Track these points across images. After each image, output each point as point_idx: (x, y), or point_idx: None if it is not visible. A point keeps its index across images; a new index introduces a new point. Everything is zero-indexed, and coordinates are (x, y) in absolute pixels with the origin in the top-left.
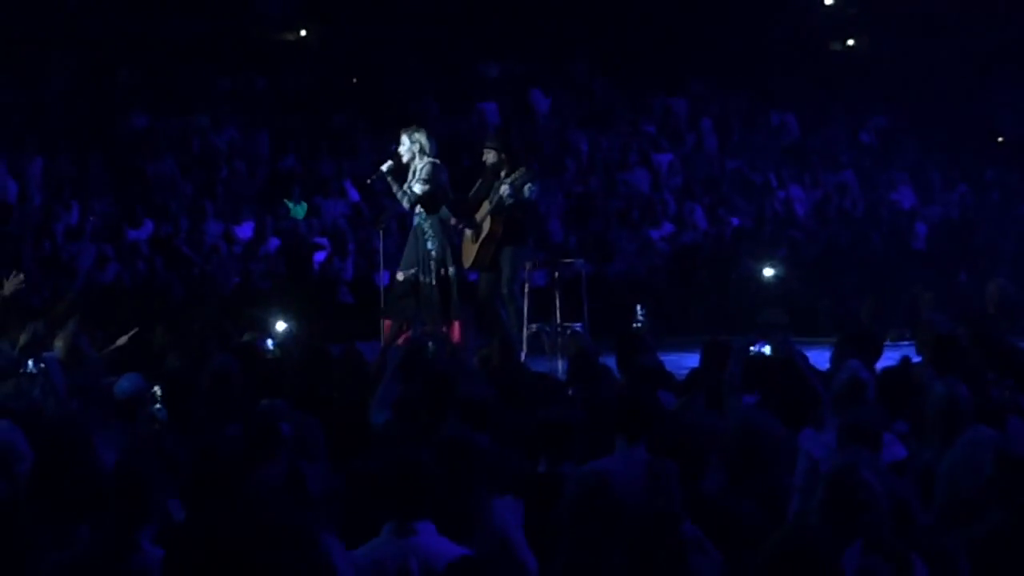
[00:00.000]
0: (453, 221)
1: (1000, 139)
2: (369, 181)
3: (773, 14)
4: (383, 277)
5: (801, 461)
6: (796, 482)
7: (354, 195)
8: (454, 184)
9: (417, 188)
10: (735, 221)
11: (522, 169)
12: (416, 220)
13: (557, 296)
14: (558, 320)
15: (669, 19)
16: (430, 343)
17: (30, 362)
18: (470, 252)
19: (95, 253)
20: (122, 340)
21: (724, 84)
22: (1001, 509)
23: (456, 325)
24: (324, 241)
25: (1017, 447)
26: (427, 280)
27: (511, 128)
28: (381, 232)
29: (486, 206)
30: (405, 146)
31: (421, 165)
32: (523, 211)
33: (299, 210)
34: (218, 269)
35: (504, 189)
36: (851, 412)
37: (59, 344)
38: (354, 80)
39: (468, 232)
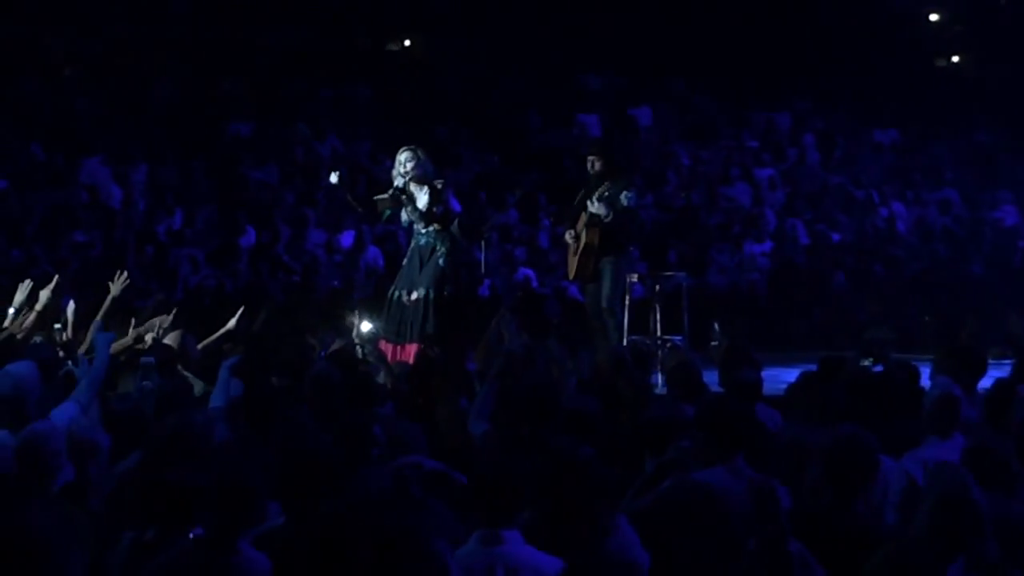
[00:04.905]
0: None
1: None
2: (376, 198)
3: (878, 30)
4: (484, 287)
5: (898, 479)
6: (891, 499)
7: (456, 206)
8: (558, 195)
9: (428, 206)
10: (836, 237)
11: (608, 183)
12: (424, 239)
13: (657, 309)
14: (658, 333)
15: (773, 35)
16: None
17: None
18: (572, 264)
19: (197, 259)
20: (231, 324)
21: (827, 99)
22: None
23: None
24: None
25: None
26: (427, 296)
27: (613, 140)
28: (483, 243)
29: (584, 216)
30: (412, 163)
31: (438, 184)
32: (620, 221)
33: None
34: (320, 277)
35: (596, 200)
36: (976, 436)
37: (169, 343)
38: (458, 90)
39: (570, 243)
